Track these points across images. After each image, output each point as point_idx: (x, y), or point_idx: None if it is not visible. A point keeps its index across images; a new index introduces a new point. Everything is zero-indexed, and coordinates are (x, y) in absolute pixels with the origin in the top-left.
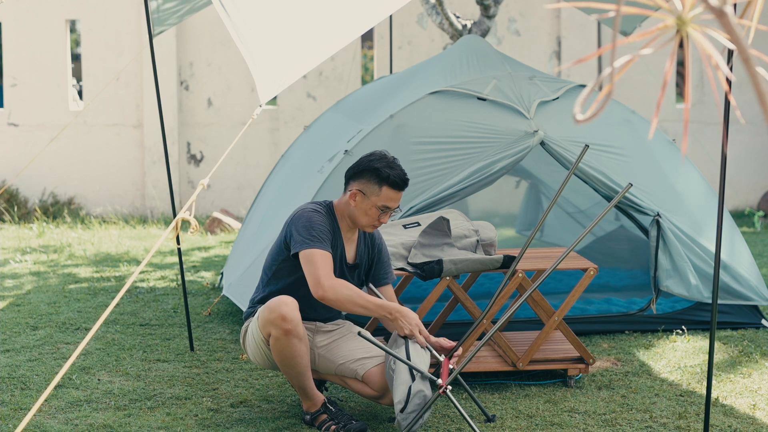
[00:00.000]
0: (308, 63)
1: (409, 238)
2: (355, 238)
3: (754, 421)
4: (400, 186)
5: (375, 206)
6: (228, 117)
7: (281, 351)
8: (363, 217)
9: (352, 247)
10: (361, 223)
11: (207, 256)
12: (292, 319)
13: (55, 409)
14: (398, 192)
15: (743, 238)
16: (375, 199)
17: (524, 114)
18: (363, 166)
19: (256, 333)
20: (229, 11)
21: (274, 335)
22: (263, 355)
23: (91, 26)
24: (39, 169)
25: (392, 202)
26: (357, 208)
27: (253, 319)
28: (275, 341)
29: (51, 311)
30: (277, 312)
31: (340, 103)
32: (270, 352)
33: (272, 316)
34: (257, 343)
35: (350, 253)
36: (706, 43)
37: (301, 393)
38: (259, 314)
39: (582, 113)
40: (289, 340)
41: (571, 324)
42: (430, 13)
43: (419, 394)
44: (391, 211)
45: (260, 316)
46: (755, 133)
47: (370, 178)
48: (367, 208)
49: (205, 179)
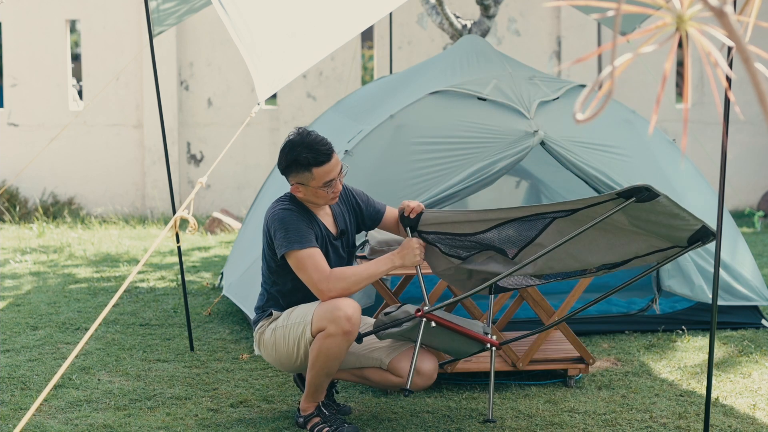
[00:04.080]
0: (307, 61)
1: None
2: (329, 211)
3: (754, 421)
4: (325, 160)
5: (318, 188)
6: (228, 117)
7: (329, 349)
8: (318, 200)
9: (330, 220)
10: (321, 203)
11: (207, 256)
12: (356, 323)
13: (55, 409)
14: (328, 163)
15: (743, 238)
16: (314, 183)
17: (524, 114)
18: (284, 162)
19: (302, 330)
20: (229, 11)
21: (330, 331)
22: (295, 354)
23: (91, 26)
24: (39, 169)
25: (330, 174)
26: (306, 196)
27: (280, 320)
28: (328, 338)
29: (51, 311)
30: (343, 311)
31: (340, 103)
32: (306, 349)
33: (338, 313)
34: (297, 341)
35: (331, 226)
36: (705, 42)
37: (313, 392)
38: (318, 310)
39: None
40: (343, 341)
41: (571, 324)
42: (430, 13)
43: (406, 308)
44: (338, 178)
45: (320, 311)
46: (755, 132)
47: (297, 169)
48: (313, 192)
49: (203, 177)
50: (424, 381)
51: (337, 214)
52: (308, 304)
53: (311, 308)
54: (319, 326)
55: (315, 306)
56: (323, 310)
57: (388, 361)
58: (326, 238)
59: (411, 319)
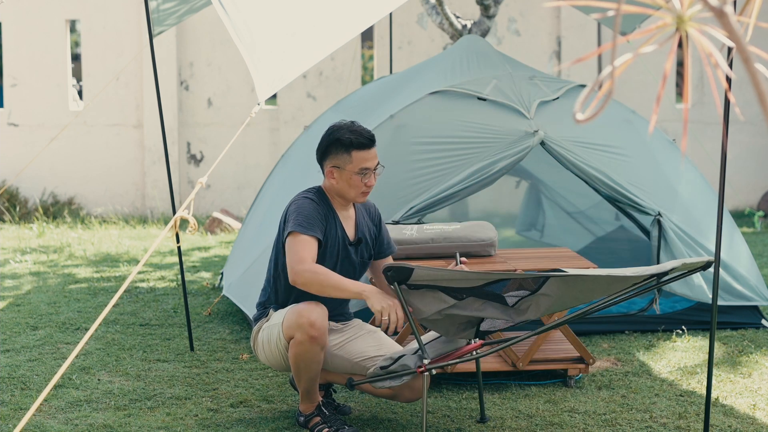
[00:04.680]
0: (307, 61)
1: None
2: (352, 215)
3: (754, 421)
4: (366, 144)
5: (353, 173)
6: (228, 117)
7: (301, 355)
8: (350, 190)
9: (351, 224)
10: (350, 195)
11: (207, 256)
12: (321, 327)
13: (55, 409)
14: (368, 150)
15: (743, 238)
16: (350, 167)
17: (524, 114)
18: (325, 142)
19: (277, 335)
20: (229, 11)
21: (298, 339)
22: (280, 356)
23: (91, 26)
24: (39, 169)
25: (368, 162)
26: (339, 183)
27: (271, 320)
28: (297, 345)
29: (51, 311)
30: (306, 317)
31: (340, 103)
32: (286, 353)
33: (301, 320)
34: (276, 344)
35: (350, 230)
36: (706, 42)
37: (306, 395)
38: (286, 316)
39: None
40: (312, 346)
41: (571, 324)
42: (430, 13)
43: (404, 362)
44: (374, 171)
45: (287, 318)
46: (755, 132)
47: (337, 150)
48: (347, 178)
49: (203, 177)
50: (414, 394)
51: (360, 223)
52: (285, 309)
53: (284, 313)
54: (288, 333)
55: (286, 311)
56: (290, 316)
57: None
58: (341, 240)
59: (411, 373)
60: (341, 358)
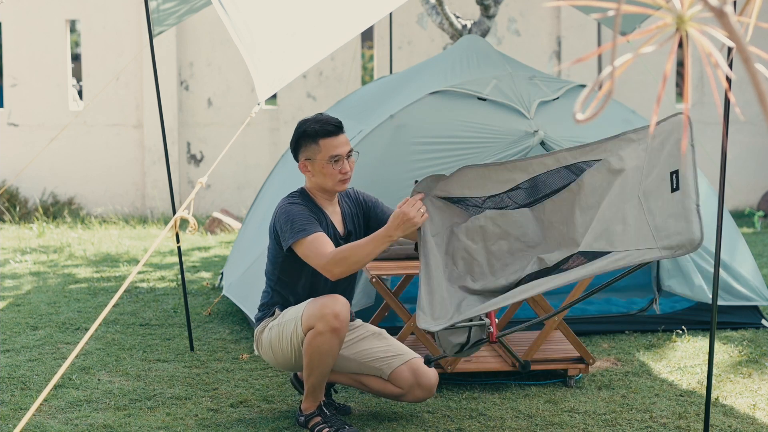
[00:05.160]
0: (307, 61)
1: None
2: (338, 209)
3: (754, 421)
4: (332, 131)
5: (325, 162)
6: (228, 117)
7: (320, 347)
8: (326, 180)
9: (338, 217)
10: (329, 185)
11: (207, 256)
12: (344, 319)
13: (55, 409)
14: (336, 137)
15: (743, 238)
16: (320, 157)
17: (524, 114)
18: (295, 137)
19: (293, 328)
20: (229, 11)
21: (319, 329)
22: (291, 352)
23: (91, 26)
24: (39, 169)
25: (338, 149)
26: (315, 176)
27: (284, 316)
28: (317, 336)
29: (51, 311)
30: (330, 308)
31: (340, 103)
32: (299, 346)
33: (325, 310)
34: (290, 339)
35: (339, 225)
36: (706, 42)
37: (312, 392)
38: (307, 307)
39: (582, 113)
40: (332, 337)
41: (571, 324)
42: (430, 13)
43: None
44: (346, 158)
45: (307, 309)
46: (755, 132)
47: (306, 142)
48: (320, 168)
49: (203, 177)
50: (425, 393)
51: (346, 215)
52: (302, 303)
53: (303, 306)
54: (308, 324)
55: (306, 304)
56: (312, 308)
57: (389, 372)
58: (332, 237)
59: (485, 341)
60: (347, 359)
